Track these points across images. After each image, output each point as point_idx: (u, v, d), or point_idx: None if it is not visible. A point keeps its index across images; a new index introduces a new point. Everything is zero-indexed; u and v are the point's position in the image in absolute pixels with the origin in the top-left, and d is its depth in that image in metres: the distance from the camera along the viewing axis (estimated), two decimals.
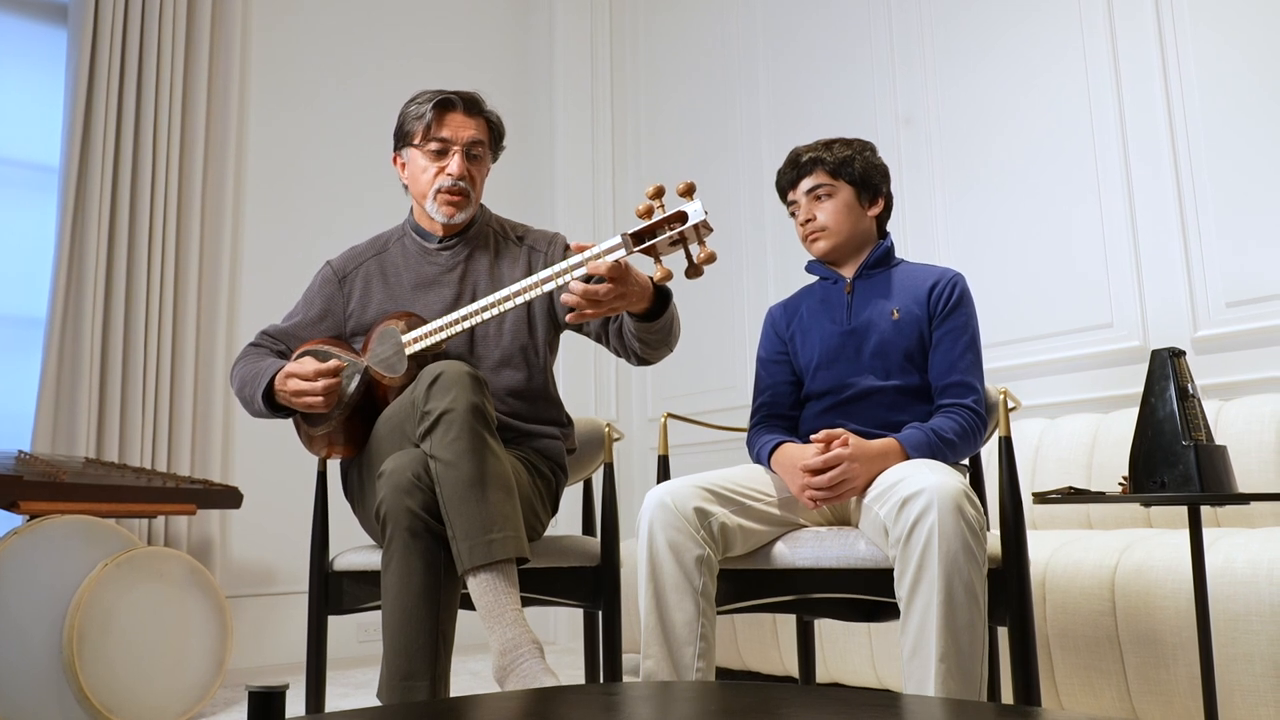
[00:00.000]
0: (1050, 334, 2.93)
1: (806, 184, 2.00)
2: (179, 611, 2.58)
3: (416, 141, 2.03)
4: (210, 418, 3.39)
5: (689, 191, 1.62)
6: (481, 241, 2.09)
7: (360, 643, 3.57)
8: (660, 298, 1.81)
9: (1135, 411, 2.50)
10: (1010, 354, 2.96)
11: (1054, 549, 2.20)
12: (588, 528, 2.32)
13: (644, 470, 4.12)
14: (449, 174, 2.00)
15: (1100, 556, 2.10)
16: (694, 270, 1.62)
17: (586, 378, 4.16)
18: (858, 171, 1.99)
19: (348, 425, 1.90)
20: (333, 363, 1.85)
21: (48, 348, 3.10)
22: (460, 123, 2.02)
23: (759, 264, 3.77)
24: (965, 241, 3.16)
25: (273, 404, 1.94)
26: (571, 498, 2.34)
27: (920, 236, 3.25)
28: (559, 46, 4.47)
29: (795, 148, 2.06)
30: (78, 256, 3.19)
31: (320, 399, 1.84)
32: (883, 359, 1.90)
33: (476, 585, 1.60)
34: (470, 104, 2.04)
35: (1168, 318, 2.68)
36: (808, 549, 1.74)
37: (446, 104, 2.02)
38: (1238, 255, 2.57)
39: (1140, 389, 2.69)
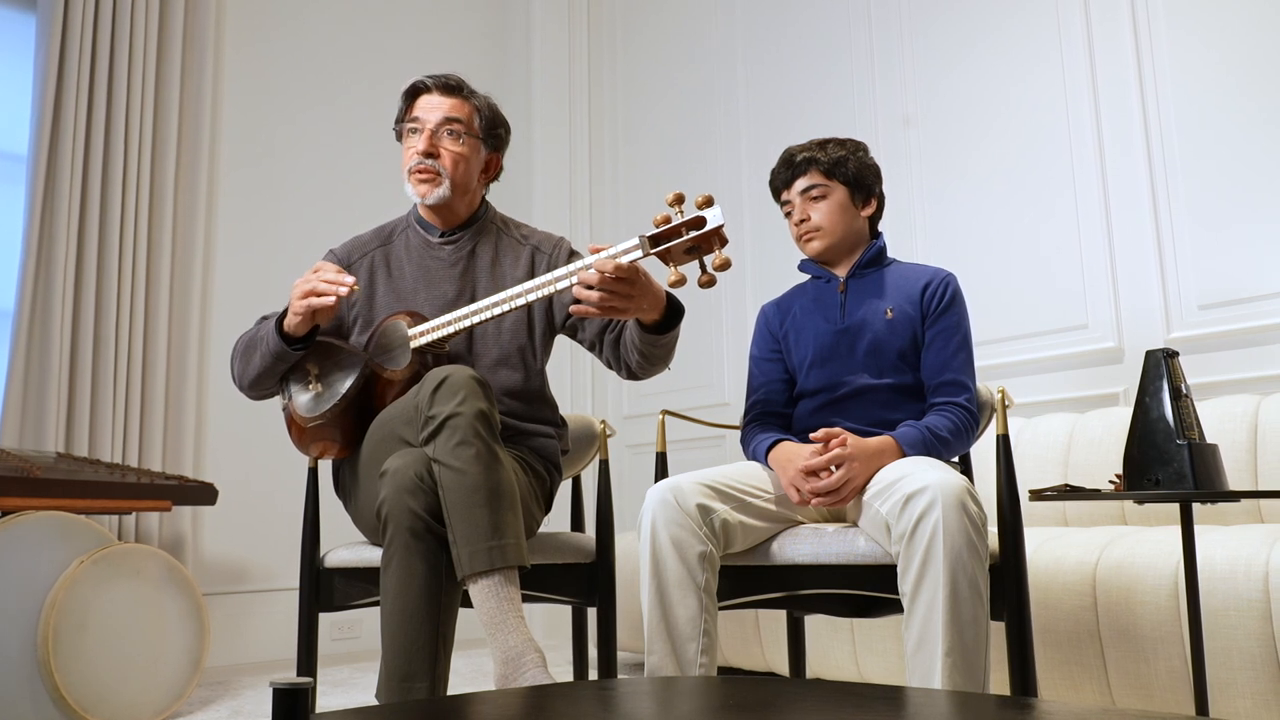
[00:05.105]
0: (1026, 335, 2.99)
1: (801, 184, 2.02)
2: (155, 609, 2.54)
3: (398, 128, 2.05)
4: (182, 412, 3.34)
5: (708, 203, 1.63)
6: (484, 237, 2.08)
7: (334, 640, 3.53)
8: (670, 313, 1.81)
9: (1111, 411, 2.59)
10: (987, 354, 3.01)
11: (1035, 546, 2.24)
12: (576, 524, 2.32)
13: (620, 466, 4.12)
14: (415, 151, 1.99)
15: (1082, 553, 2.15)
16: (707, 279, 1.63)
17: (563, 375, 4.15)
18: (851, 172, 2.01)
19: (343, 423, 1.87)
20: (347, 277, 1.81)
21: (15, 340, 3.03)
22: (433, 104, 2.01)
23: (738, 265, 3.79)
24: (943, 243, 3.21)
25: (284, 336, 1.88)
26: (559, 493, 2.34)
27: (900, 237, 3.29)
28: (536, 56, 4.46)
29: (789, 147, 2.07)
30: (47, 247, 3.12)
31: (312, 285, 1.80)
32: (876, 357, 1.92)
33: (478, 592, 1.59)
34: (445, 85, 2.02)
35: (1142, 320, 2.75)
36: (807, 545, 1.75)
37: (418, 88, 2.03)
38: (1210, 258, 2.63)
39: (1116, 389, 2.78)
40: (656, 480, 1.84)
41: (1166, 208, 2.73)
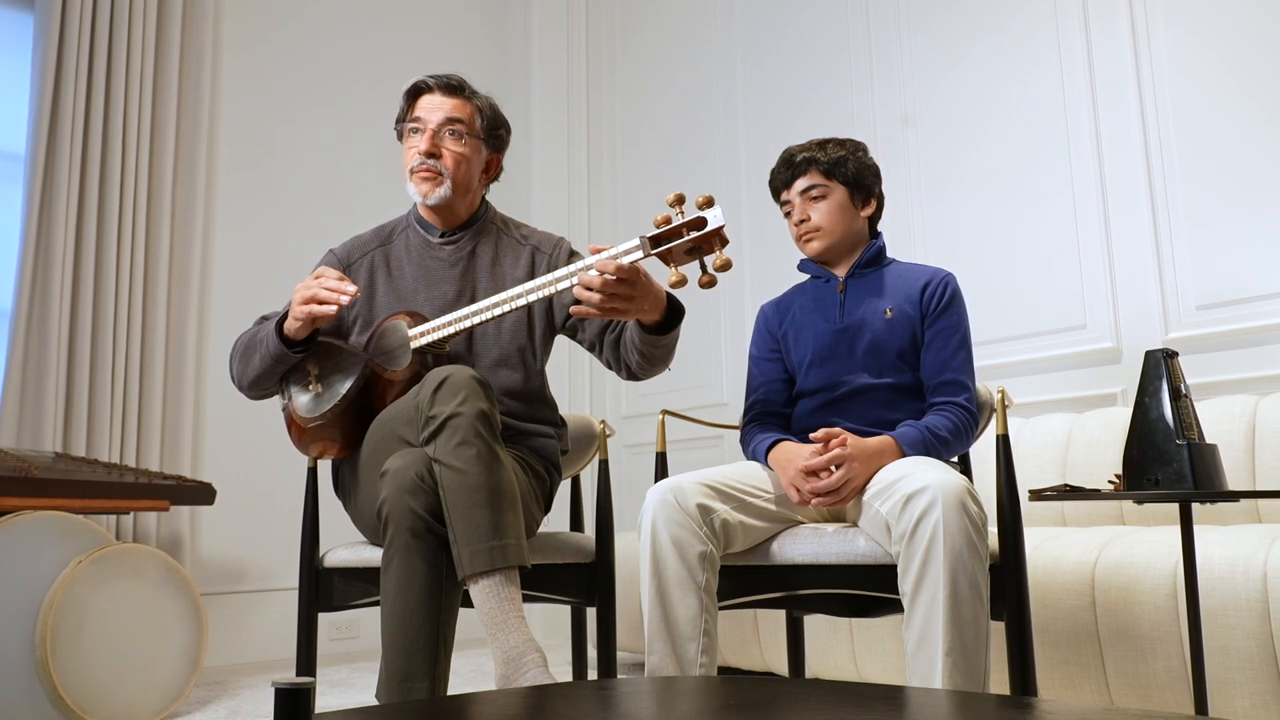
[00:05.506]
0: (1025, 335, 2.99)
1: (801, 184, 2.02)
2: (154, 609, 2.54)
3: (400, 128, 2.05)
4: (180, 412, 3.33)
5: (709, 203, 1.63)
6: (484, 237, 2.08)
7: (332, 640, 3.53)
8: (671, 314, 1.81)
9: (1109, 412, 2.59)
10: (986, 354, 3.01)
11: (1034, 546, 2.24)
12: (575, 524, 2.33)
13: (619, 466, 4.11)
14: (417, 151, 1.99)
15: (1080, 553, 2.15)
16: (708, 279, 1.63)
17: (563, 375, 4.15)
18: (851, 172, 2.01)
19: (343, 424, 1.87)
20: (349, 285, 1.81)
21: (13, 340, 3.02)
22: (435, 104, 2.01)
23: (737, 265, 3.79)
24: (941, 243, 3.21)
25: (284, 338, 1.88)
26: (559, 493, 2.34)
27: (899, 237, 3.29)
28: (535, 57, 4.46)
29: (789, 147, 2.08)
30: (44, 247, 3.12)
31: (314, 292, 1.79)
32: (876, 357, 1.93)
33: (479, 592, 1.60)
34: (447, 86, 2.03)
35: (1140, 320, 2.75)
36: (807, 545, 1.76)
37: (420, 88, 2.03)
38: (1208, 259, 2.64)
39: (1114, 389, 2.78)
40: (656, 480, 1.84)
41: (1165, 208, 2.73)
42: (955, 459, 1.94)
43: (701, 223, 1.64)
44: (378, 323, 1.95)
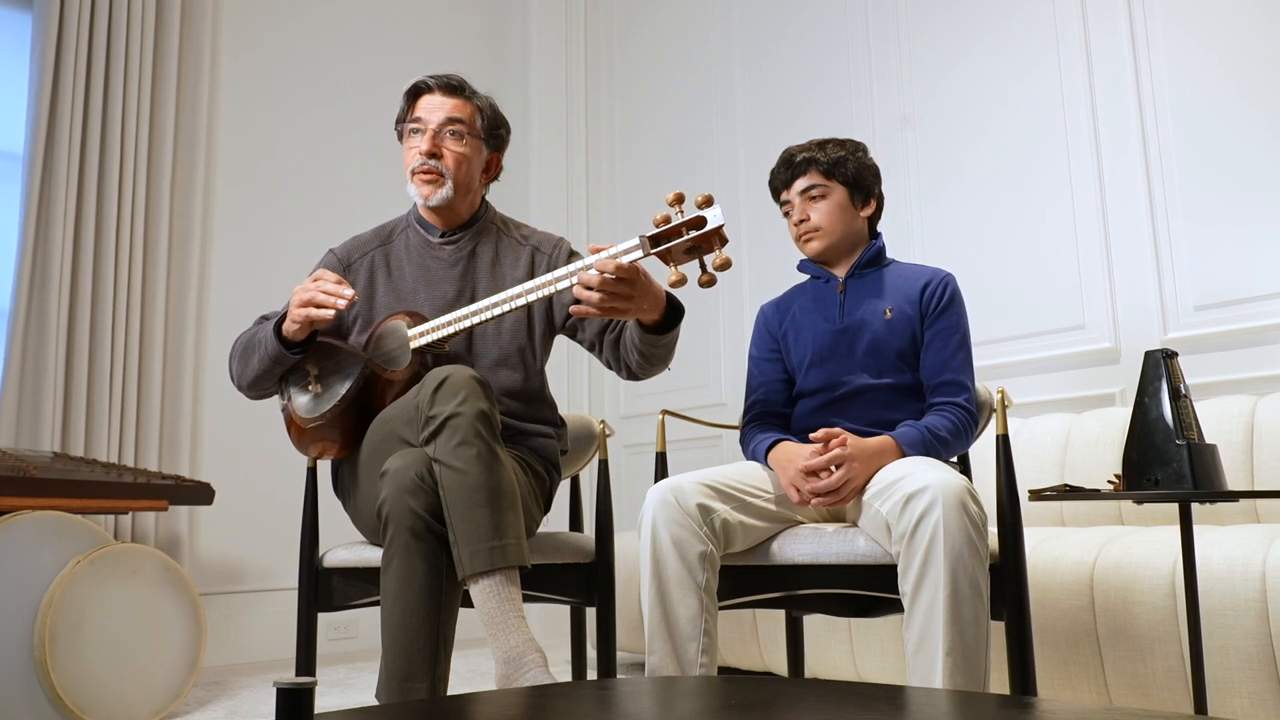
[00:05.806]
0: (1023, 335, 2.99)
1: (800, 184, 2.02)
2: (152, 609, 2.53)
3: (400, 128, 2.05)
4: (179, 412, 3.33)
5: (708, 203, 1.63)
6: (484, 237, 2.08)
7: (331, 640, 3.53)
8: (670, 313, 1.81)
9: (1108, 412, 2.59)
10: (985, 354, 3.01)
11: (1032, 546, 2.24)
12: (575, 524, 2.33)
13: (618, 466, 4.11)
14: (418, 152, 1.99)
15: (1079, 553, 2.15)
16: (707, 279, 1.63)
17: (562, 375, 4.15)
18: (851, 172, 2.01)
19: (343, 424, 1.87)
20: (346, 289, 1.81)
21: (11, 339, 3.02)
22: (435, 104, 2.01)
23: (736, 265, 3.79)
24: (940, 243, 3.21)
25: (283, 339, 1.88)
26: (558, 493, 2.34)
27: (898, 237, 3.29)
28: (534, 57, 4.46)
29: (789, 147, 2.08)
30: (43, 246, 3.12)
31: (311, 295, 1.79)
32: (876, 357, 1.93)
33: (479, 592, 1.60)
34: (448, 86, 2.03)
35: (1138, 320, 2.75)
36: (807, 545, 1.76)
37: (420, 88, 2.03)
38: (1207, 259, 2.64)
39: (1112, 390, 2.78)
40: (656, 480, 1.84)
41: (1163, 208, 2.73)
42: (955, 459, 1.94)
43: (701, 222, 1.65)
44: (377, 323, 1.95)
